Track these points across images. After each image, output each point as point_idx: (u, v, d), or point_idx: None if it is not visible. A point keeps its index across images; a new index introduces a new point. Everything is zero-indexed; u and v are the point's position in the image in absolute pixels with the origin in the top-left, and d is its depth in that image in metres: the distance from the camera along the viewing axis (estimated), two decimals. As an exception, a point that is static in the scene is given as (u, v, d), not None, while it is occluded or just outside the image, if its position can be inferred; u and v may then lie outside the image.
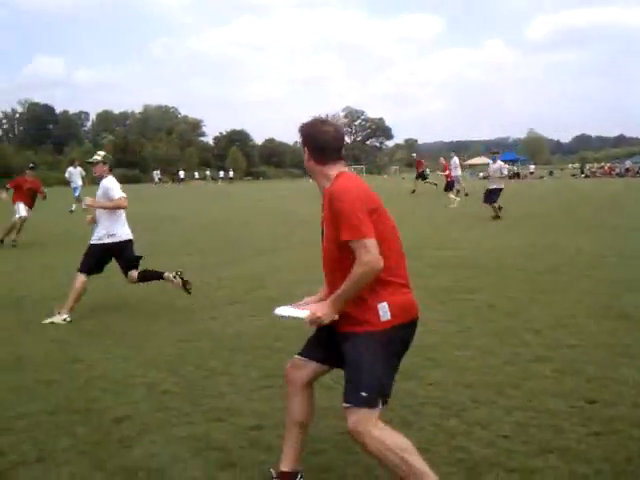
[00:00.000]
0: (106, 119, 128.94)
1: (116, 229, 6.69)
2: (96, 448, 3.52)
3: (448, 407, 3.97)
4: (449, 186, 24.60)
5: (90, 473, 3.25)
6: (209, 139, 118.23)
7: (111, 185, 6.71)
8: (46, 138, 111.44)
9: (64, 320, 6.38)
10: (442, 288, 7.66)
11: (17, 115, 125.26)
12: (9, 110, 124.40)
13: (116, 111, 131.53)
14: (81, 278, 6.58)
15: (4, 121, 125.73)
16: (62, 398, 4.30)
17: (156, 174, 74.91)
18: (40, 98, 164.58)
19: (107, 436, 3.68)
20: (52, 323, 6.32)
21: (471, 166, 77.89)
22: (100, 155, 6.89)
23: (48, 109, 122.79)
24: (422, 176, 32.36)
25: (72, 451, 3.49)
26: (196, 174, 77.42)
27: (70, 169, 25.53)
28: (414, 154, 39.20)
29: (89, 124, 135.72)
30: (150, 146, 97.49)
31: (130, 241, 6.87)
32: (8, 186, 13.95)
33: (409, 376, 4.53)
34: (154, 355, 5.22)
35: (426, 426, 3.71)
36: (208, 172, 79.08)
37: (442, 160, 28.56)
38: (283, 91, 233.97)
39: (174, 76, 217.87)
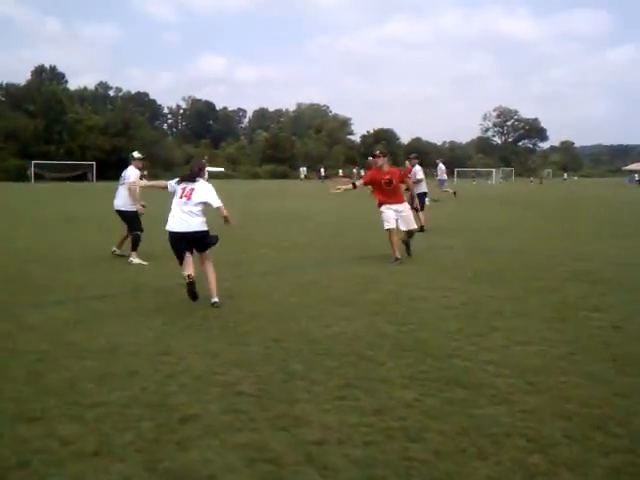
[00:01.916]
0: (262, 116, 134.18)
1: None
2: (154, 447, 3.46)
3: (535, 440, 3.51)
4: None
5: (139, 473, 3.17)
6: (357, 137, 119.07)
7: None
8: (206, 133, 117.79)
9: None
10: (566, 304, 7.00)
11: (181, 111, 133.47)
12: (174, 106, 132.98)
13: (271, 109, 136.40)
14: None
15: (169, 116, 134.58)
16: (139, 390, 4.32)
17: (302, 170, 77.07)
18: (203, 95, 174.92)
19: (169, 435, 3.61)
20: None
21: (630, 172, 72.77)
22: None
23: (209, 105, 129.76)
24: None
25: (130, 448, 3.45)
26: (340, 171, 78.26)
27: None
28: (370, 157, 36.90)
29: (246, 121, 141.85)
30: (300, 143, 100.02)
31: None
32: (363, 181, 10.83)
33: (499, 400, 4.11)
34: (241, 353, 5.15)
35: (504, 460, 3.28)
36: (355, 170, 79.82)
37: (407, 163, 29.21)
38: (434, 90, 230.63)
39: (327, 74, 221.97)
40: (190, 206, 6.87)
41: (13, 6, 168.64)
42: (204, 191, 7.00)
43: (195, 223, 6.87)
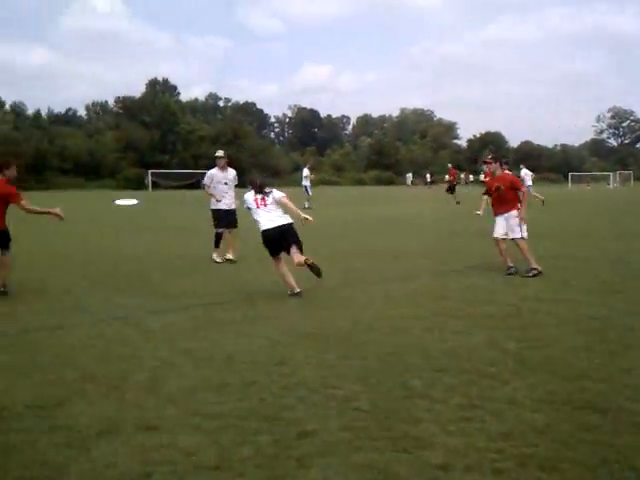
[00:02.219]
0: (365, 123, 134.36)
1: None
2: (273, 463, 3.39)
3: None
4: (450, 189, 30.50)
5: (259, 490, 3.12)
6: (463, 142, 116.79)
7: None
8: (311, 141, 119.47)
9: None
10: None
11: (287, 119, 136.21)
12: (280, 115, 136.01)
13: (375, 115, 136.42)
14: None
15: (276, 125, 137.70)
16: (257, 402, 4.28)
17: (409, 176, 76.58)
18: (307, 103, 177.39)
19: (287, 451, 3.53)
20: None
21: None
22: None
23: (314, 113, 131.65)
24: (452, 188, 32.53)
25: (250, 463, 3.39)
26: (446, 177, 76.88)
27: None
28: (450, 164, 37.78)
29: (350, 127, 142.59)
30: (405, 149, 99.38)
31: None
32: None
33: (643, 429, 3.74)
34: (356, 366, 5.02)
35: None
36: (463, 175, 78.44)
37: (449, 165, 35.29)
38: (542, 91, 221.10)
39: (430, 78, 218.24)
40: (269, 208, 7.99)
41: (129, 23, 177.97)
42: (272, 194, 8.15)
43: (281, 219, 7.94)
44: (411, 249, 12.90)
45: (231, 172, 11.32)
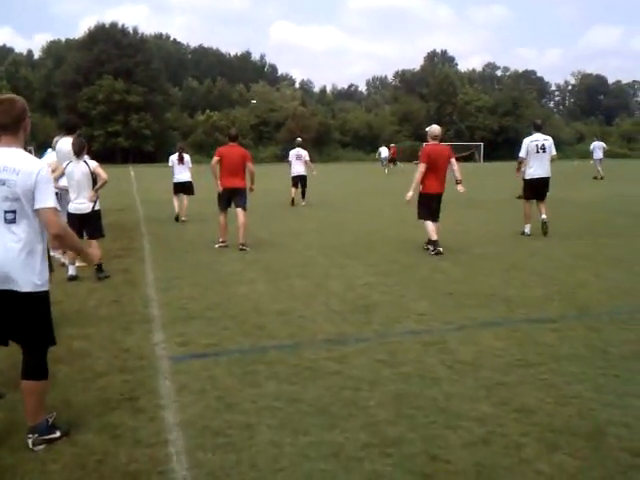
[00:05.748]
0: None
1: None
2: None
3: None
4: None
5: None
6: None
7: None
8: (595, 110, 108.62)
9: None
10: None
11: (569, 87, 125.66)
12: (562, 82, 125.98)
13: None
14: None
15: (557, 93, 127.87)
16: None
17: None
18: (592, 69, 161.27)
19: None
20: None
21: None
22: None
23: (600, 80, 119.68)
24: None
25: None
26: None
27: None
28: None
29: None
30: None
31: None
32: None
33: None
34: None
35: None
36: None
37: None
38: None
39: None
40: None
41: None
42: None
43: None
44: None
45: None
